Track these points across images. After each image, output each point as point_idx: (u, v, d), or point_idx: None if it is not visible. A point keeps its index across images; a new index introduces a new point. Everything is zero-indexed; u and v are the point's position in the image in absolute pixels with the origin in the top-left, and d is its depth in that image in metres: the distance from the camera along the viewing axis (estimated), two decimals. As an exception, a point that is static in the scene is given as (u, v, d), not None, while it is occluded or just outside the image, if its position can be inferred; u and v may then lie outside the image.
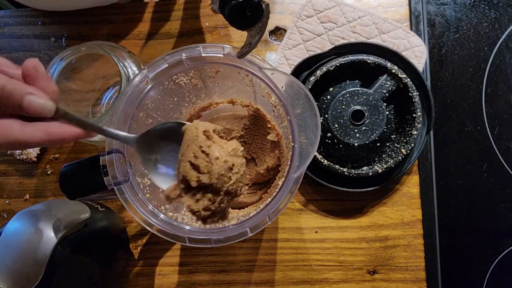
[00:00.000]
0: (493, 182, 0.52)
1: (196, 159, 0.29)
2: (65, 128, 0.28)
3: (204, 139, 0.30)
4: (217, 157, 0.30)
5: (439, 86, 0.54)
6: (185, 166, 0.30)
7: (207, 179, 0.29)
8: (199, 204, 0.30)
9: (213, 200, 0.30)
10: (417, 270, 0.50)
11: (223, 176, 0.30)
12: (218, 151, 0.30)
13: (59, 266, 0.37)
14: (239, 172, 0.31)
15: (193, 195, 0.31)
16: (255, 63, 0.37)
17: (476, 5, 0.55)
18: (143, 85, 0.38)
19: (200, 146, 0.30)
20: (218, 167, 0.29)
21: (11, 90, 0.26)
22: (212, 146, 0.30)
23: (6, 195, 0.54)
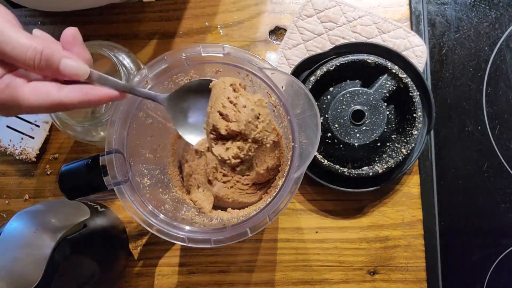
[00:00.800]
0: (493, 182, 0.52)
1: (224, 109, 0.31)
2: (100, 89, 0.30)
3: (232, 91, 0.32)
4: (244, 105, 0.32)
5: (440, 86, 0.54)
6: (215, 116, 0.31)
7: (236, 127, 0.31)
8: (229, 152, 0.32)
9: (241, 148, 0.32)
10: (417, 270, 0.50)
11: (250, 123, 0.32)
12: (245, 100, 0.32)
13: (59, 266, 0.37)
14: (265, 121, 0.33)
15: (222, 145, 0.32)
16: (255, 63, 0.37)
17: (476, 4, 0.55)
18: (143, 85, 0.38)
19: (228, 97, 0.32)
20: (245, 114, 0.31)
21: (49, 54, 0.28)
22: (239, 97, 0.32)
23: (5, 195, 0.54)
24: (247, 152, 0.32)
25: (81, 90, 0.29)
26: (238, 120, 0.31)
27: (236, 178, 0.51)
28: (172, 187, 0.48)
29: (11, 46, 0.27)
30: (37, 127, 0.53)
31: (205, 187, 0.49)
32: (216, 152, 0.32)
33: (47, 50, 0.28)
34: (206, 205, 0.47)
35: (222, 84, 0.33)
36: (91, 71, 0.30)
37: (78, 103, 0.29)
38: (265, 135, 0.33)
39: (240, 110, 0.31)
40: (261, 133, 0.33)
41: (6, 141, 0.52)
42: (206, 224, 0.42)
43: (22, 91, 0.28)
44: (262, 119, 0.33)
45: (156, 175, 0.44)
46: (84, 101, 0.29)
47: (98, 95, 0.30)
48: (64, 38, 0.30)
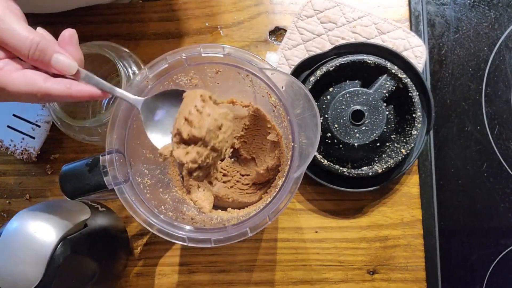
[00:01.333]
0: (493, 182, 0.52)
1: (190, 115, 0.33)
2: (84, 86, 0.33)
3: (200, 101, 0.34)
4: (208, 114, 0.34)
5: (439, 86, 0.54)
6: (180, 121, 0.34)
7: (197, 133, 0.33)
8: (188, 156, 0.34)
9: (200, 154, 0.34)
10: (417, 270, 0.50)
11: (212, 132, 0.34)
12: (210, 110, 0.34)
13: (59, 266, 0.37)
14: (226, 132, 0.35)
15: (183, 149, 0.34)
16: (255, 64, 0.37)
17: (476, 5, 0.55)
18: (143, 85, 0.38)
19: (196, 105, 0.34)
20: (208, 122, 0.33)
21: (44, 47, 0.31)
22: (205, 106, 0.34)
23: (6, 195, 0.54)
24: (204, 159, 0.34)
25: (66, 84, 0.32)
26: (201, 127, 0.33)
27: (236, 178, 0.51)
28: (173, 187, 0.48)
29: (11, 35, 0.30)
30: (38, 127, 0.53)
31: (205, 187, 0.49)
32: (176, 154, 0.34)
33: (43, 42, 0.30)
34: (206, 205, 0.47)
35: (193, 93, 0.35)
36: (79, 69, 0.32)
37: (61, 95, 0.32)
38: (224, 145, 0.35)
39: (204, 118, 0.34)
40: (221, 143, 0.35)
41: (7, 141, 0.53)
42: (206, 224, 0.42)
43: (12, 77, 0.30)
44: (224, 131, 0.35)
45: (157, 175, 0.44)
46: (67, 94, 0.32)
47: (81, 91, 0.32)
48: (62, 37, 0.33)
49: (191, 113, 0.33)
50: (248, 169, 0.51)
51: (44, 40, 0.31)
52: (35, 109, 0.53)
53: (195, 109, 0.33)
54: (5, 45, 0.30)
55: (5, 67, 0.30)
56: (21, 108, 0.53)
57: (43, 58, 0.31)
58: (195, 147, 0.34)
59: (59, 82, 0.32)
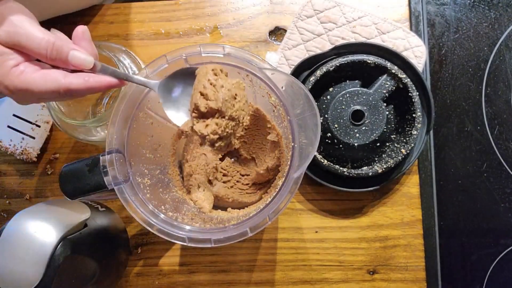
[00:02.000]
0: (493, 182, 0.52)
1: (205, 89, 0.35)
2: (101, 77, 0.34)
3: (213, 74, 0.36)
4: (222, 85, 0.35)
5: (439, 86, 0.54)
6: (196, 96, 0.35)
7: (214, 104, 0.34)
8: (208, 128, 0.35)
9: (219, 124, 0.35)
10: (417, 270, 0.50)
11: (227, 102, 0.35)
12: (223, 82, 0.36)
13: (59, 266, 0.37)
14: (241, 101, 0.37)
15: (203, 122, 0.36)
16: (255, 64, 0.37)
17: (476, 5, 0.55)
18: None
19: (209, 79, 0.35)
20: (223, 94, 0.35)
21: (60, 45, 0.32)
22: (218, 79, 0.36)
23: (6, 195, 0.54)
24: (224, 129, 0.36)
25: (84, 77, 0.33)
26: (216, 99, 0.34)
27: (236, 178, 0.51)
28: (173, 187, 0.48)
29: (27, 37, 0.32)
30: (38, 127, 0.53)
31: (205, 187, 0.49)
32: (197, 128, 0.36)
33: (58, 42, 0.32)
34: (206, 205, 0.47)
35: (205, 69, 0.36)
36: (95, 62, 0.34)
37: (82, 89, 0.33)
38: (241, 113, 0.37)
39: (218, 90, 0.35)
40: (238, 111, 0.36)
41: (7, 141, 0.53)
42: (206, 224, 0.42)
43: (33, 77, 0.32)
44: (239, 99, 0.36)
45: (157, 175, 0.44)
46: (87, 87, 0.33)
47: (99, 82, 0.34)
48: (75, 34, 0.34)
49: (206, 87, 0.35)
50: (248, 169, 0.51)
51: (59, 39, 0.33)
52: (35, 109, 0.53)
53: (209, 82, 0.35)
54: (23, 48, 0.32)
55: (26, 69, 0.32)
56: (21, 108, 0.53)
57: (60, 56, 0.32)
58: (213, 119, 0.35)
59: (77, 76, 0.33)
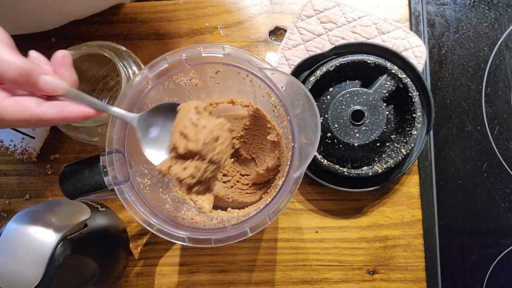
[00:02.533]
0: (493, 182, 0.52)
1: (185, 129, 0.33)
2: (77, 107, 0.32)
3: (195, 113, 0.34)
4: (204, 126, 0.33)
5: (439, 86, 0.54)
6: (176, 136, 0.33)
7: (194, 146, 0.32)
8: (186, 172, 0.33)
9: (198, 167, 0.33)
10: (417, 270, 0.50)
11: (208, 144, 0.33)
12: (205, 122, 0.33)
13: (59, 266, 0.37)
14: (223, 144, 0.34)
15: (181, 164, 0.33)
16: (255, 64, 0.37)
17: (476, 5, 0.55)
18: (143, 85, 0.38)
19: (190, 118, 0.33)
20: (204, 135, 0.33)
21: (30, 69, 0.30)
22: (200, 118, 0.34)
23: (6, 195, 0.54)
24: (203, 173, 0.33)
25: (59, 107, 0.31)
26: (197, 140, 0.33)
27: (236, 178, 0.51)
28: (173, 187, 0.48)
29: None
30: (38, 127, 0.53)
31: (205, 187, 0.49)
32: (173, 171, 0.33)
33: (28, 66, 0.30)
34: (206, 205, 0.47)
35: (188, 106, 0.34)
36: (69, 89, 0.32)
37: (55, 119, 0.31)
38: (222, 157, 0.34)
39: (199, 130, 0.33)
40: (219, 154, 0.34)
41: (7, 141, 0.53)
42: (207, 224, 0.42)
43: (3, 104, 0.30)
44: (221, 141, 0.34)
45: (157, 175, 0.44)
46: (61, 117, 0.31)
47: (73, 112, 0.32)
48: (54, 59, 0.32)
49: (186, 126, 0.33)
50: (248, 169, 0.51)
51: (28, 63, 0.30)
52: (35, 109, 0.53)
53: (190, 122, 0.33)
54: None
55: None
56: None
57: (29, 80, 0.30)
58: (192, 161, 0.33)
59: (52, 105, 0.31)
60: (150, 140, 0.36)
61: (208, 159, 0.33)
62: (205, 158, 0.33)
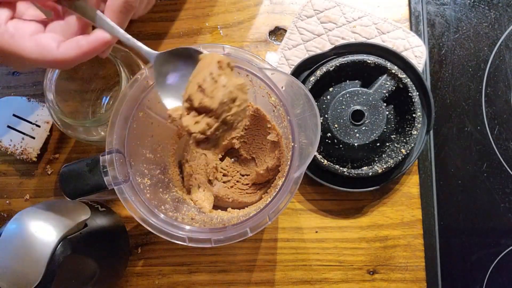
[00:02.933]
0: (493, 182, 0.52)
1: (204, 82, 0.31)
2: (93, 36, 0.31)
3: (217, 67, 0.32)
4: (224, 85, 0.31)
5: (439, 86, 0.54)
6: (193, 87, 0.31)
7: (209, 103, 0.31)
8: (197, 126, 0.32)
9: (210, 125, 0.32)
10: (417, 270, 0.50)
11: (225, 104, 0.31)
12: (226, 80, 0.31)
13: (59, 266, 0.37)
14: (240, 106, 0.33)
15: (193, 117, 0.32)
16: (255, 64, 0.37)
17: (476, 5, 0.55)
18: (143, 85, 0.38)
19: (211, 72, 0.31)
20: (222, 94, 0.31)
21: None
22: (222, 75, 0.32)
23: (6, 195, 0.54)
24: (214, 131, 0.32)
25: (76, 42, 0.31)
26: (213, 97, 0.31)
27: (236, 178, 0.51)
28: (173, 187, 0.48)
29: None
30: (38, 127, 0.53)
31: (205, 187, 0.49)
32: (185, 122, 0.32)
33: None
34: (206, 204, 0.47)
35: (211, 58, 0.32)
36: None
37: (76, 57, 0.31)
38: (236, 119, 0.33)
39: (218, 88, 0.31)
40: (233, 116, 0.32)
41: (7, 141, 0.53)
42: (207, 224, 0.42)
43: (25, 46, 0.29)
44: (238, 104, 0.32)
45: (157, 175, 0.44)
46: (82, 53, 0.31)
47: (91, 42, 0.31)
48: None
49: (206, 80, 0.31)
50: (248, 169, 0.51)
51: None
52: (35, 109, 0.53)
53: (211, 76, 0.31)
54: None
55: (17, 32, 0.29)
56: (21, 108, 0.53)
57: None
58: (205, 117, 0.32)
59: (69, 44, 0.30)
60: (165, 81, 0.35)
61: (221, 118, 0.32)
62: (219, 118, 0.32)
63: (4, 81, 0.56)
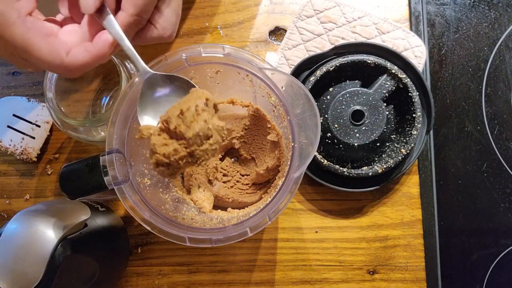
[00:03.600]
0: (493, 182, 0.52)
1: (187, 111, 0.32)
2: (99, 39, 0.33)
3: (204, 103, 0.33)
4: (205, 120, 0.32)
5: (439, 86, 0.54)
6: (175, 111, 0.32)
7: (184, 130, 0.32)
8: (163, 148, 0.32)
9: (176, 152, 0.32)
10: (417, 270, 0.50)
11: (199, 137, 0.32)
12: (208, 118, 0.33)
13: (59, 266, 0.37)
14: (212, 145, 0.33)
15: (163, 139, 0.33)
16: (255, 64, 0.37)
17: (476, 5, 0.55)
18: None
19: (197, 105, 0.32)
20: (199, 127, 0.32)
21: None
22: (206, 111, 0.33)
23: (6, 195, 0.54)
24: (178, 159, 0.33)
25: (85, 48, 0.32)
26: (190, 127, 0.32)
27: (236, 178, 0.51)
28: (173, 187, 0.48)
29: None
30: (38, 127, 0.53)
31: (205, 187, 0.49)
32: (154, 140, 0.33)
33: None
34: (206, 204, 0.47)
35: (201, 93, 0.34)
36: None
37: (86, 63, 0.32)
38: (203, 156, 0.34)
39: (198, 120, 0.32)
40: (202, 152, 0.33)
41: (7, 141, 0.53)
42: (206, 224, 0.42)
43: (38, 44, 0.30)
44: (211, 142, 0.33)
45: (157, 175, 0.44)
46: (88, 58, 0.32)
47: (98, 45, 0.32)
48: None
49: (189, 109, 0.32)
50: (248, 169, 0.51)
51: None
52: (35, 109, 0.53)
53: (195, 108, 0.32)
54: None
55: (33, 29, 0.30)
56: (21, 108, 0.53)
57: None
58: (175, 143, 0.32)
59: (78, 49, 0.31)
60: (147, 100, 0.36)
61: (190, 150, 0.32)
62: (188, 148, 0.32)
63: (4, 81, 0.56)
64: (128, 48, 0.35)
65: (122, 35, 0.34)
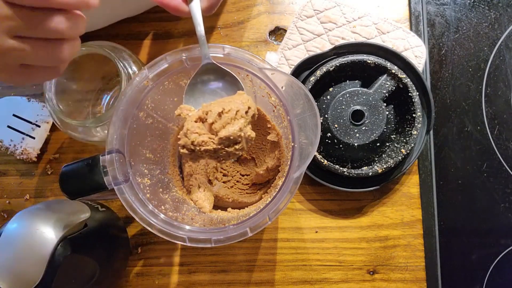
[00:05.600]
0: (493, 182, 0.52)
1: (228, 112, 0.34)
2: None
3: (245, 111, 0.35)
4: (240, 127, 0.34)
5: (439, 86, 0.54)
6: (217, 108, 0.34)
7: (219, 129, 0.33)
8: (194, 136, 0.34)
9: (204, 143, 0.34)
10: (417, 270, 0.50)
11: (228, 140, 0.34)
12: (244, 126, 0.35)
13: (59, 266, 0.37)
14: (237, 150, 0.35)
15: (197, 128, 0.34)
16: (255, 64, 0.37)
17: (476, 5, 0.55)
18: (143, 85, 0.38)
19: (238, 110, 0.34)
20: (232, 131, 0.34)
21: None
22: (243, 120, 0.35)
23: (6, 195, 0.54)
24: (202, 152, 0.34)
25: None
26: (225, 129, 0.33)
27: (236, 178, 0.51)
28: (173, 187, 0.48)
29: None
30: (38, 127, 0.53)
31: (205, 187, 0.49)
32: (187, 125, 0.34)
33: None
34: (206, 204, 0.47)
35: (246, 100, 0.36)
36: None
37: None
38: (225, 157, 0.36)
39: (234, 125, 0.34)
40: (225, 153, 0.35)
41: (7, 141, 0.53)
42: (206, 224, 0.42)
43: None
44: (237, 147, 0.35)
45: (157, 175, 0.44)
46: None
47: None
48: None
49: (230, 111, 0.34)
50: (248, 169, 0.51)
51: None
52: (35, 109, 0.53)
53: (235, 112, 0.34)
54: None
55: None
56: (21, 108, 0.53)
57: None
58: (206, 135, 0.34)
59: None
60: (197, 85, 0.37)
61: (216, 147, 0.34)
62: (215, 145, 0.34)
63: (4, 81, 0.56)
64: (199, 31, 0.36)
65: (200, 22, 0.36)
